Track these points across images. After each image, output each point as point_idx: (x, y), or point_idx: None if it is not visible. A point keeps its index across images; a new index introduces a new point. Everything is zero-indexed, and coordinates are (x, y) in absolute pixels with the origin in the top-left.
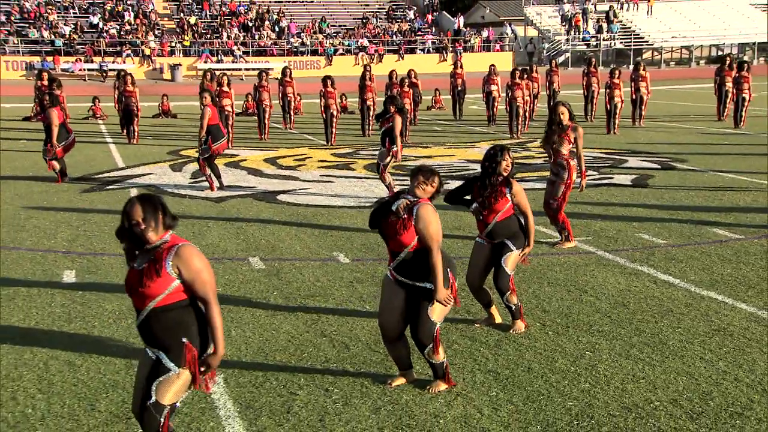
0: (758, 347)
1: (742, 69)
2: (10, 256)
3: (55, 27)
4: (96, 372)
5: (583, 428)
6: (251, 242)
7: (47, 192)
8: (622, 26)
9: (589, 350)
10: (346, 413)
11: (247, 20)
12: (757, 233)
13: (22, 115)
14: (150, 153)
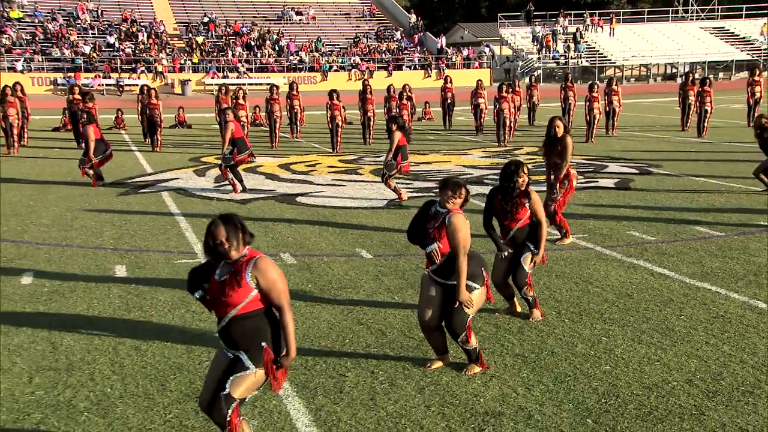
0: (756, 333)
1: (705, 84)
2: (64, 253)
3: (75, 46)
4: (161, 356)
5: (611, 406)
6: (280, 240)
7: (87, 195)
8: (587, 46)
9: (604, 336)
10: (394, 393)
11: (249, 40)
12: (735, 231)
13: (51, 126)
14: (173, 160)
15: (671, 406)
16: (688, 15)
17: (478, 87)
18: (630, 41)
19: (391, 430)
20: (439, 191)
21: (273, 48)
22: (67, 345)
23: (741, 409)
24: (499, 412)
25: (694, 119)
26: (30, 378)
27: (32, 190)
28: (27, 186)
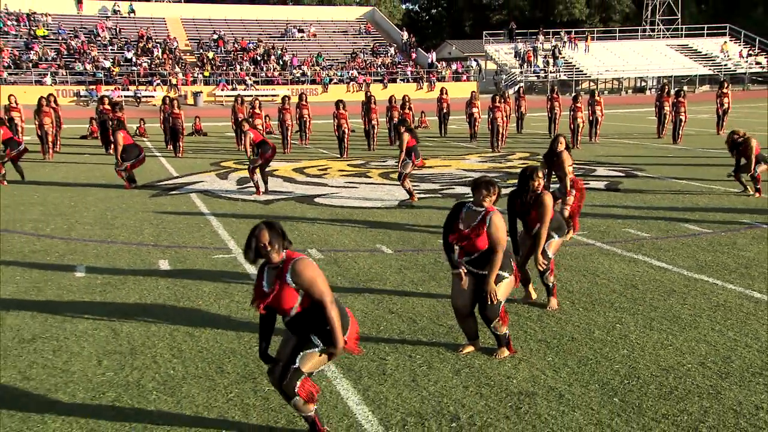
0: (756, 320)
1: (679, 95)
2: (110, 249)
3: (96, 61)
4: (214, 342)
5: (634, 386)
6: (305, 236)
7: (122, 197)
8: (565, 61)
9: (617, 323)
10: (432, 375)
11: (256, 55)
12: (722, 228)
13: (78, 134)
14: (195, 164)
15: (689, 386)
16: (655, 33)
17: (472, 98)
18: (603, 57)
19: (435, 408)
20: (473, 191)
21: (277, 62)
22: (127, 331)
23: (753, 388)
24: (532, 392)
25: (669, 128)
26: (99, 361)
27: (71, 192)
28: (66, 188)
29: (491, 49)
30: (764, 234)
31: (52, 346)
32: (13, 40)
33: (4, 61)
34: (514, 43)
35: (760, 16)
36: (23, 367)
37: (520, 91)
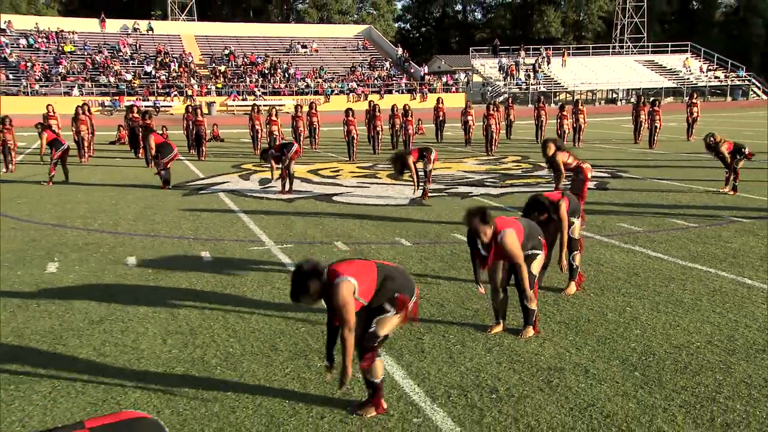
0: (751, 303)
1: (655, 105)
2: (155, 242)
3: (119, 74)
4: (263, 323)
5: (651, 362)
6: (330, 230)
7: (157, 196)
8: (544, 75)
9: (627, 306)
10: (467, 352)
11: (263, 68)
12: (707, 222)
13: (106, 140)
14: (218, 167)
15: (701, 361)
16: (624, 50)
17: (466, 107)
18: (578, 71)
19: (474, 382)
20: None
21: (283, 75)
22: (184, 314)
23: (760, 363)
24: (559, 368)
25: (645, 134)
26: (163, 340)
27: (111, 192)
28: (105, 188)
29: (477, 63)
30: (745, 228)
31: (119, 327)
32: (44, 56)
33: (36, 74)
34: (498, 58)
35: (717, 35)
36: (97, 345)
37: (509, 101)
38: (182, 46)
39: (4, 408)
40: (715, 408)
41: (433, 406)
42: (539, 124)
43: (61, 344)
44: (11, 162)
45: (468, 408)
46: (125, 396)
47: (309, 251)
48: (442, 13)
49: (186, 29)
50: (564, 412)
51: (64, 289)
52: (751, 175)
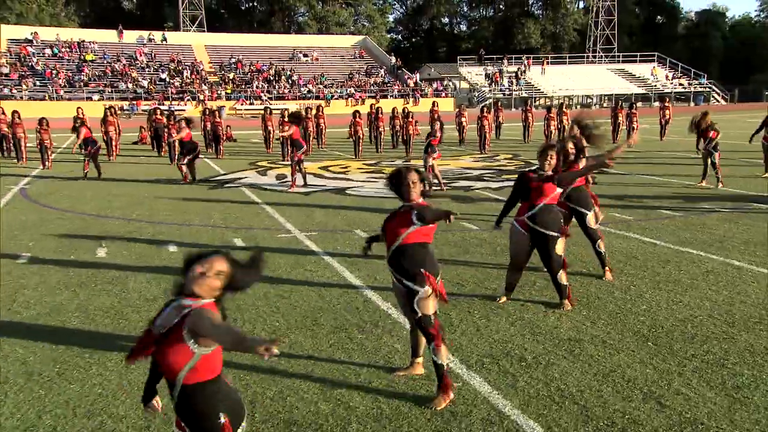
0: (742, 282)
1: (632, 108)
2: (190, 230)
3: (136, 81)
4: (302, 301)
5: (661, 333)
6: (348, 220)
7: (184, 189)
8: (526, 81)
9: (631, 285)
10: (492, 326)
11: (269, 75)
12: (691, 212)
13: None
14: (236, 164)
15: (706, 332)
16: (597, 59)
17: (460, 109)
18: (556, 78)
19: (503, 351)
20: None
21: (287, 81)
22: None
23: (758, 333)
24: (578, 339)
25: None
26: None
27: (142, 186)
28: (136, 183)
29: (464, 71)
30: (725, 217)
31: None
32: (67, 64)
33: (60, 81)
34: (483, 66)
35: (680, 47)
36: None
37: (498, 104)
38: (194, 54)
39: (83, 373)
40: (725, 373)
41: (470, 373)
42: (526, 125)
43: (123, 319)
44: (48, 159)
45: (501, 374)
46: None
47: (332, 238)
48: (431, 25)
49: (197, 39)
50: (589, 377)
51: (116, 271)
52: (724, 170)
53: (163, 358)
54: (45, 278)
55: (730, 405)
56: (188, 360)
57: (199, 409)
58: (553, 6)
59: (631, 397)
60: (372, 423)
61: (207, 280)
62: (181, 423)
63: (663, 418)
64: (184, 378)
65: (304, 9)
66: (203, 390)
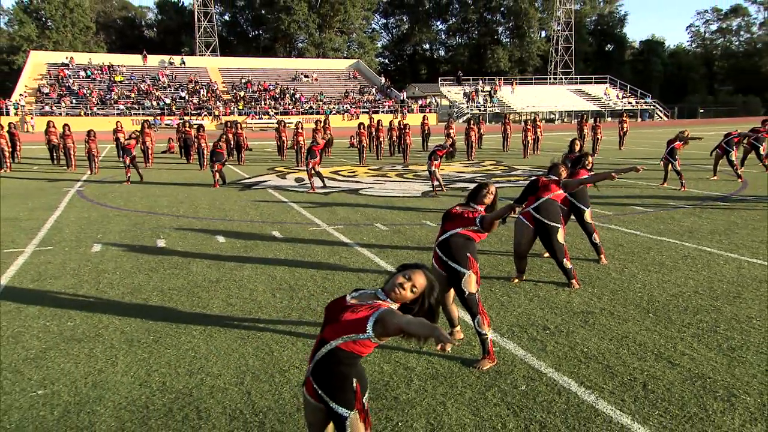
0: (716, 264)
1: (597, 121)
2: (231, 224)
3: (159, 98)
4: (345, 282)
5: (658, 305)
6: (368, 215)
7: (217, 191)
8: (498, 99)
9: (624, 268)
10: (513, 302)
11: (275, 93)
12: (659, 208)
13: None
14: (257, 169)
15: (696, 305)
16: (558, 81)
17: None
18: (524, 96)
19: (528, 321)
20: (551, 170)
21: (291, 99)
22: (280, 276)
23: (739, 306)
24: (589, 311)
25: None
26: (273, 294)
27: (180, 188)
28: (174, 186)
29: (444, 90)
30: (689, 212)
31: (234, 285)
32: (99, 85)
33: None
34: (461, 86)
35: (627, 71)
36: (224, 297)
37: (480, 118)
38: (209, 76)
39: (175, 340)
40: (719, 337)
41: (504, 339)
42: (505, 136)
43: (195, 297)
44: (95, 166)
45: (531, 340)
46: (263, 332)
47: (357, 231)
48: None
49: (211, 63)
50: (606, 342)
51: (178, 258)
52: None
53: (340, 318)
54: (119, 264)
55: (729, 363)
56: (357, 333)
57: (339, 372)
58: (519, 35)
59: (645, 357)
60: (430, 380)
61: (402, 292)
62: (313, 386)
63: (675, 373)
64: (342, 343)
65: (303, 36)
66: (349, 359)
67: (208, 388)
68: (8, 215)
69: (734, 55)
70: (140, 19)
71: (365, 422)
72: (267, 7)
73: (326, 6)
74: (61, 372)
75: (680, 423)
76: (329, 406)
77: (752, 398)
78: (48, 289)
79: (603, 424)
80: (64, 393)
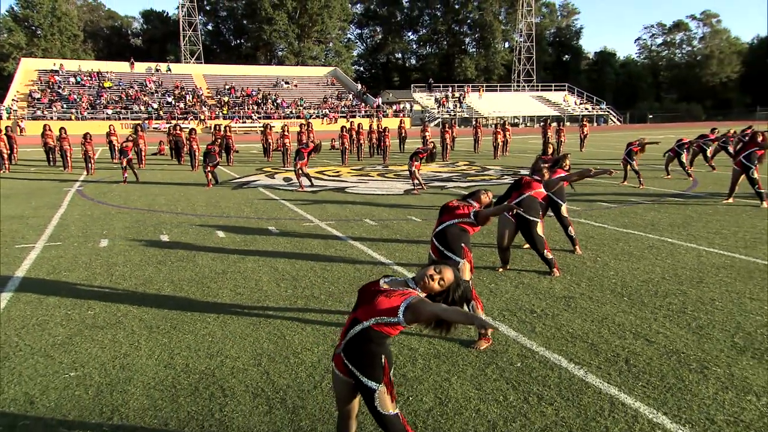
0: (677, 253)
1: (560, 125)
2: (229, 220)
3: (147, 104)
4: (342, 272)
5: (631, 290)
6: (357, 212)
7: (211, 191)
8: (467, 105)
9: (597, 257)
10: (501, 288)
11: (257, 99)
12: (623, 204)
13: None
14: (245, 170)
15: (664, 289)
16: (520, 88)
17: (424, 125)
18: (491, 102)
19: (515, 306)
20: (533, 167)
21: (272, 104)
22: (282, 267)
23: (703, 289)
24: (570, 296)
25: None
26: (277, 284)
27: (176, 188)
28: (170, 185)
29: (417, 96)
30: (649, 207)
31: (239, 276)
32: (89, 90)
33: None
34: (432, 92)
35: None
36: (231, 287)
37: (452, 122)
38: (194, 82)
39: (192, 326)
40: (687, 317)
41: (495, 322)
42: (476, 138)
43: (205, 287)
44: (92, 167)
45: (520, 323)
46: (273, 319)
47: (348, 226)
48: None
49: (196, 70)
50: (588, 323)
51: (184, 251)
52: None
53: (374, 301)
54: (128, 257)
55: (699, 339)
56: (389, 317)
57: (370, 349)
58: (484, 46)
59: (624, 336)
60: (433, 359)
61: (431, 283)
62: (344, 362)
63: (653, 350)
64: (374, 324)
65: (283, 45)
66: (379, 338)
67: (228, 369)
68: (14, 213)
69: (677, 66)
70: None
71: (391, 394)
72: (249, 18)
73: (305, 17)
74: (89, 356)
75: (661, 393)
76: (359, 380)
77: (722, 369)
78: (64, 280)
79: (594, 395)
80: (95, 374)
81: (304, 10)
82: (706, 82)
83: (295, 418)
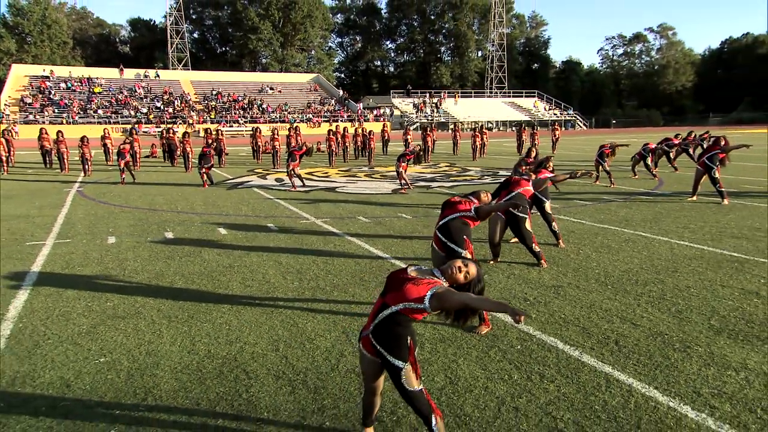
0: (653, 246)
1: (534, 129)
2: (228, 218)
3: (136, 108)
4: (343, 266)
5: (614, 279)
6: (350, 210)
7: (207, 191)
8: (443, 110)
9: (579, 250)
10: (494, 280)
11: (243, 104)
12: (597, 201)
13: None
14: (237, 171)
15: (644, 278)
16: (493, 95)
17: (406, 129)
18: (466, 108)
19: (510, 295)
20: (515, 168)
21: (258, 109)
22: (285, 261)
23: (679, 278)
24: (559, 285)
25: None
26: (284, 277)
27: (173, 188)
28: (167, 186)
29: (396, 101)
30: (622, 204)
31: (246, 269)
32: (79, 95)
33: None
34: (410, 98)
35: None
36: (240, 280)
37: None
38: (182, 88)
39: (208, 315)
40: (667, 303)
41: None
42: (455, 142)
43: (215, 279)
44: (89, 169)
45: None
46: (284, 309)
47: (343, 223)
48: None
49: (184, 76)
50: (578, 310)
51: (189, 247)
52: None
53: (402, 288)
54: (137, 253)
55: (679, 322)
56: (416, 304)
57: (397, 331)
58: (459, 54)
59: (612, 320)
60: (440, 343)
61: (457, 275)
62: (372, 343)
63: (639, 332)
64: (402, 309)
65: (268, 53)
66: (406, 321)
67: (249, 354)
68: (20, 212)
69: (637, 74)
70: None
71: (416, 372)
72: (234, 26)
73: (288, 26)
74: (115, 343)
75: (651, 370)
76: (386, 359)
77: (702, 348)
78: (79, 274)
79: (590, 372)
80: (124, 360)
81: (287, 20)
82: (663, 90)
83: (318, 397)
